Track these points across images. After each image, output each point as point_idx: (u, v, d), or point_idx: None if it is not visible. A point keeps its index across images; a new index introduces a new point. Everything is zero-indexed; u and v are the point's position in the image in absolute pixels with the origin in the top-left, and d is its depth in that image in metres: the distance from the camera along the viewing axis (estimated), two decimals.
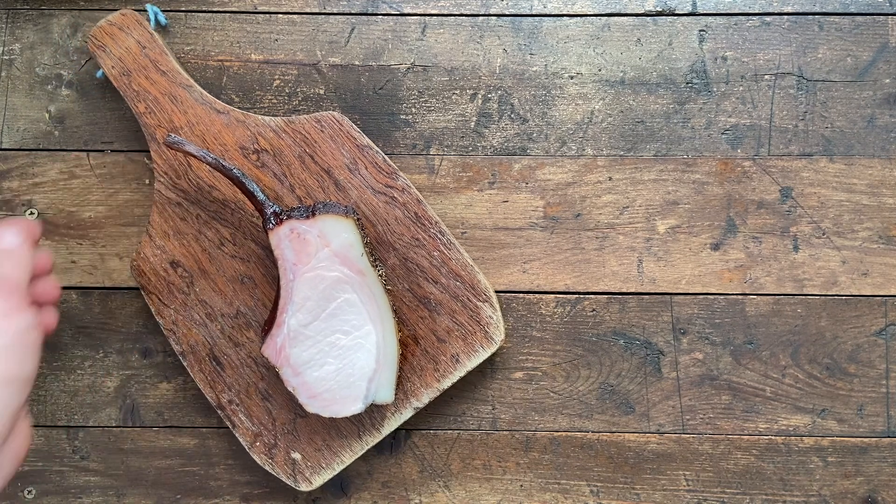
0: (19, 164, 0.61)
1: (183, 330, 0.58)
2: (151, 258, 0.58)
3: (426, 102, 0.61)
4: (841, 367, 0.60)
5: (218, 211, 0.59)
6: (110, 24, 0.59)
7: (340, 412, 0.55)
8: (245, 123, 0.59)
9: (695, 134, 0.61)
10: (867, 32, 0.60)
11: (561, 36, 0.61)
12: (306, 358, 0.54)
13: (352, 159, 0.58)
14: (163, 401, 0.61)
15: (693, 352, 0.60)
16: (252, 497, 0.60)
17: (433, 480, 0.60)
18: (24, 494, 0.61)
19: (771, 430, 0.60)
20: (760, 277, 0.60)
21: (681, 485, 0.60)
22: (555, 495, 0.60)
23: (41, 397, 0.61)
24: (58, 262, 0.61)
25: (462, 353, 0.58)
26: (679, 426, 0.60)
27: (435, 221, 0.58)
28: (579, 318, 0.60)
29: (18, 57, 0.62)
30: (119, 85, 0.59)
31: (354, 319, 0.55)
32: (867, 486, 0.59)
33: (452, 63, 0.61)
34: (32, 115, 0.62)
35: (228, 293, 0.58)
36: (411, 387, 0.58)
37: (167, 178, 0.59)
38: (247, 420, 0.58)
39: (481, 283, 0.58)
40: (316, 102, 0.61)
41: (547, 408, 0.60)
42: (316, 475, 0.58)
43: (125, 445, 0.61)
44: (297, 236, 0.54)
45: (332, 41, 0.62)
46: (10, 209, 0.61)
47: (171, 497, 0.61)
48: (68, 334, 0.61)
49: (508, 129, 0.61)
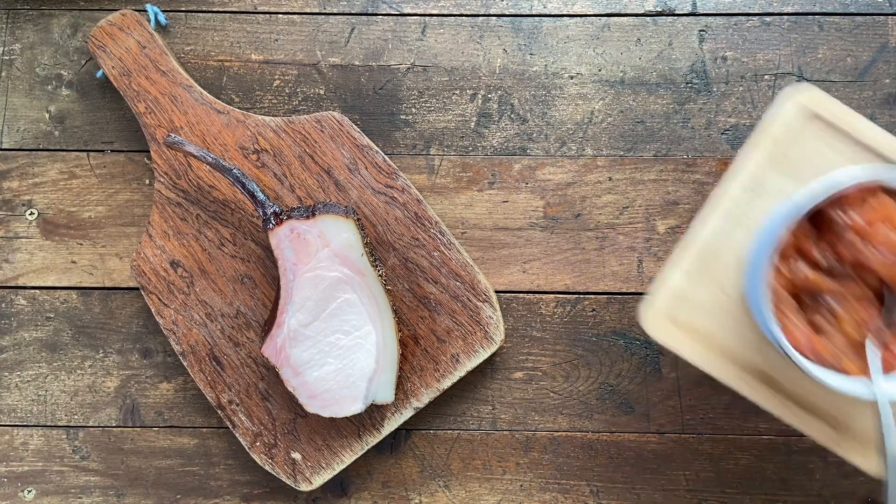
0: (19, 164, 0.61)
1: (183, 330, 0.58)
2: (151, 258, 0.58)
3: (426, 102, 0.61)
4: None
5: (218, 211, 0.59)
6: (110, 24, 0.59)
7: (340, 412, 0.55)
8: (245, 123, 0.59)
9: (695, 134, 0.61)
10: (867, 32, 0.60)
11: (561, 36, 0.61)
12: (306, 358, 0.54)
13: (352, 159, 0.58)
14: (163, 401, 0.61)
15: None
16: (252, 497, 0.60)
17: (433, 480, 0.60)
18: (24, 494, 0.61)
19: (771, 430, 0.60)
20: None
21: (681, 485, 0.60)
22: (555, 495, 0.60)
23: (41, 397, 0.61)
24: (58, 262, 0.61)
25: (462, 353, 0.58)
26: (679, 426, 0.60)
27: (435, 221, 0.58)
28: (579, 318, 0.60)
29: (18, 57, 0.62)
30: (119, 85, 0.59)
31: (354, 319, 0.55)
32: (867, 486, 0.59)
33: (452, 63, 0.61)
34: (32, 115, 0.62)
35: (228, 293, 0.58)
36: (411, 387, 0.58)
37: (167, 178, 0.59)
38: (247, 420, 0.58)
39: (481, 283, 0.58)
40: (316, 102, 0.61)
41: (547, 408, 0.60)
42: (316, 475, 0.58)
43: (125, 445, 0.61)
44: (297, 236, 0.54)
45: (332, 41, 0.62)
46: (10, 209, 0.61)
47: (171, 497, 0.61)
48: (68, 334, 0.61)
49: (508, 129, 0.61)
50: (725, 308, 0.47)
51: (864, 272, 0.41)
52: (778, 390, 0.46)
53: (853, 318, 0.41)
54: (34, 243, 0.61)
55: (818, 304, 0.42)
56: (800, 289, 0.42)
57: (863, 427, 0.46)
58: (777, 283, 0.41)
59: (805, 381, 0.46)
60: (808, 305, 0.42)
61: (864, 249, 0.40)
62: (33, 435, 0.61)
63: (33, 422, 0.61)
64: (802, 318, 0.42)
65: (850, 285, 0.41)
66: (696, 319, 0.47)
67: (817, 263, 0.42)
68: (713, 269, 0.47)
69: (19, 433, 0.61)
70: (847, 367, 0.41)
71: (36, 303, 0.61)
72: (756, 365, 0.46)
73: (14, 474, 0.61)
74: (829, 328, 0.42)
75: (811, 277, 0.41)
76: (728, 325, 0.47)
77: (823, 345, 0.41)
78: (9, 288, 0.61)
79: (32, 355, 0.61)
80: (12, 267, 0.61)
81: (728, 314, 0.47)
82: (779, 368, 0.46)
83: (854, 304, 0.41)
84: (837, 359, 0.41)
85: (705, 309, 0.47)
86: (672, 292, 0.46)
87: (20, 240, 0.61)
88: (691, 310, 0.47)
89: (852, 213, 0.41)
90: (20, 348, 0.61)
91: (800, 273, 0.41)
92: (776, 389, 0.46)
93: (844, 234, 0.41)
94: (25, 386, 0.61)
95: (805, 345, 0.41)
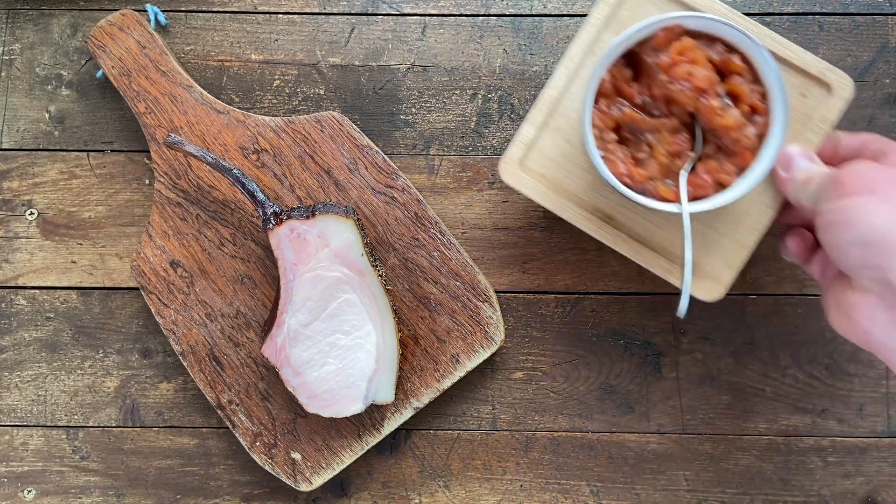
0: (19, 164, 0.62)
1: (183, 330, 0.58)
2: (151, 258, 0.58)
3: (426, 102, 0.61)
4: (841, 367, 0.60)
5: (218, 211, 0.59)
6: (110, 24, 0.59)
7: (340, 412, 0.55)
8: (245, 123, 0.59)
9: None
10: (867, 32, 0.60)
11: (561, 36, 0.61)
12: (306, 358, 0.54)
13: (352, 159, 0.58)
14: (163, 401, 0.61)
15: (693, 352, 0.60)
16: (252, 497, 0.60)
17: (433, 480, 0.60)
18: (24, 494, 0.61)
19: (771, 430, 0.60)
20: (760, 277, 0.60)
21: (681, 485, 0.60)
22: (555, 495, 0.60)
23: (41, 397, 0.61)
24: (58, 262, 0.61)
25: (462, 353, 0.58)
26: (679, 426, 0.60)
27: (435, 221, 0.58)
28: (579, 318, 0.60)
29: (18, 57, 0.62)
30: (119, 85, 0.59)
31: (354, 319, 0.55)
32: (867, 486, 0.59)
33: (452, 63, 0.61)
34: (32, 115, 0.62)
35: (228, 293, 0.58)
36: (411, 387, 0.58)
37: (167, 178, 0.59)
38: (247, 420, 0.58)
39: (481, 283, 0.58)
40: (316, 102, 0.61)
41: (547, 408, 0.60)
42: (316, 475, 0.58)
43: (125, 445, 0.61)
44: (297, 236, 0.54)
45: (332, 41, 0.62)
46: (10, 209, 0.61)
47: (171, 497, 0.61)
48: (68, 334, 0.61)
49: (508, 129, 0.61)
50: (569, 156, 0.53)
51: (673, 106, 0.47)
52: (617, 227, 0.53)
53: (667, 149, 0.47)
54: (34, 243, 0.61)
55: (639, 139, 0.48)
56: (622, 126, 0.48)
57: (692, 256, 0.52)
58: (602, 122, 0.47)
59: (640, 217, 0.52)
60: (631, 141, 0.49)
61: (670, 85, 0.46)
62: (33, 435, 0.61)
63: (33, 422, 0.61)
64: (625, 152, 0.48)
65: (664, 120, 0.47)
66: (545, 167, 0.53)
67: (635, 102, 0.48)
68: (557, 121, 0.52)
69: (19, 433, 0.61)
70: (662, 191, 0.47)
71: (36, 303, 0.61)
72: (598, 206, 0.53)
73: (14, 474, 0.61)
74: (647, 159, 0.48)
75: (628, 114, 0.48)
76: (572, 171, 0.53)
77: (641, 173, 0.48)
78: (9, 288, 0.61)
79: (32, 355, 0.61)
80: (12, 267, 0.61)
81: (571, 161, 0.53)
82: (617, 208, 0.52)
83: (667, 136, 0.47)
84: (654, 185, 0.47)
85: (552, 157, 0.53)
86: (524, 144, 0.52)
87: (20, 240, 0.61)
88: (540, 159, 0.53)
89: (661, 55, 0.46)
90: (20, 348, 0.61)
91: (619, 112, 0.48)
92: (616, 227, 0.53)
93: (656, 75, 0.47)
94: (25, 386, 0.61)
95: (625, 174, 0.47)
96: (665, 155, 0.48)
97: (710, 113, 0.46)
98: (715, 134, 0.47)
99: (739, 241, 0.51)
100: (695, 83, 0.45)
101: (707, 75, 0.46)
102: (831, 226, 0.43)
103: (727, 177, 0.47)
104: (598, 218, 0.52)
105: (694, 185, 0.47)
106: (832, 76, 0.50)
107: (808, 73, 0.50)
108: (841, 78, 0.50)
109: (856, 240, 0.42)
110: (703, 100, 0.46)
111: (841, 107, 0.50)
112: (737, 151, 0.47)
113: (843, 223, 0.42)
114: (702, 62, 0.46)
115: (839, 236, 0.43)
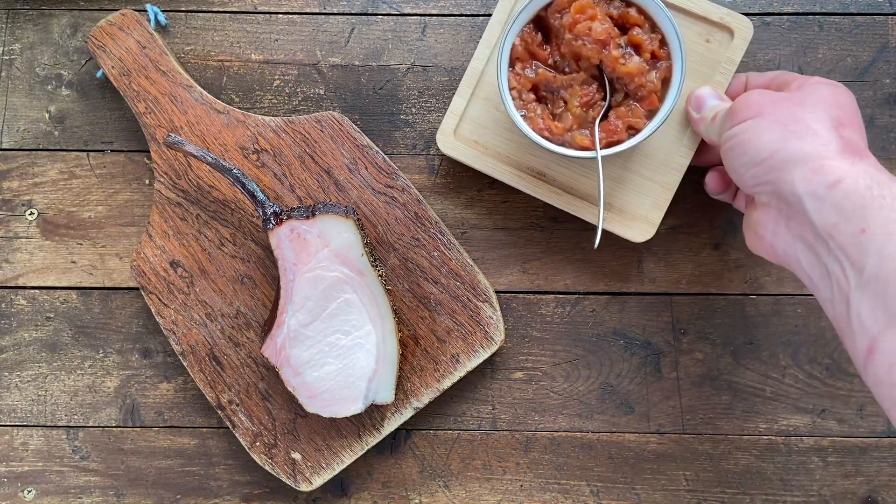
0: (19, 164, 0.61)
1: (183, 330, 0.58)
2: (151, 258, 0.58)
3: (426, 102, 0.61)
4: (841, 367, 0.60)
5: (218, 211, 0.59)
6: (110, 24, 0.59)
7: (340, 412, 0.55)
8: (245, 123, 0.59)
9: None
10: (867, 32, 0.60)
11: None
12: (306, 358, 0.54)
13: (352, 159, 0.58)
14: (163, 401, 0.61)
15: (693, 352, 0.60)
16: (252, 497, 0.60)
17: (433, 480, 0.60)
18: (24, 494, 0.61)
19: (771, 430, 0.60)
20: (760, 277, 0.60)
21: (681, 485, 0.60)
22: (555, 495, 0.60)
23: (41, 397, 0.61)
24: (58, 262, 0.61)
25: (462, 353, 0.58)
26: (679, 426, 0.60)
27: (435, 221, 0.58)
28: (579, 318, 0.60)
29: (18, 57, 0.62)
30: (119, 85, 0.59)
31: (354, 319, 0.55)
32: (867, 486, 0.59)
33: (452, 63, 0.61)
34: (32, 115, 0.62)
35: (228, 293, 0.58)
36: (411, 387, 0.58)
37: (167, 178, 0.59)
38: (247, 420, 0.58)
39: (481, 283, 0.58)
40: (316, 102, 0.61)
41: (547, 408, 0.60)
42: (316, 475, 0.58)
43: (125, 445, 0.61)
44: (297, 236, 0.54)
45: (332, 41, 0.62)
46: (10, 209, 0.61)
47: (171, 497, 0.61)
48: (68, 334, 0.61)
49: None
50: (498, 121, 0.57)
51: (581, 61, 0.51)
52: (549, 183, 0.57)
53: (579, 101, 0.52)
54: (34, 243, 0.61)
55: (555, 96, 0.53)
56: (539, 86, 0.53)
57: (620, 203, 0.57)
58: (520, 84, 0.52)
59: (568, 170, 0.57)
60: (549, 99, 0.53)
61: (575, 42, 0.50)
62: (33, 435, 0.61)
63: (33, 422, 0.61)
64: (543, 109, 0.53)
65: (574, 75, 0.52)
66: (477, 134, 0.58)
67: (547, 63, 0.52)
68: (484, 91, 0.57)
69: (19, 433, 0.61)
70: (579, 140, 0.52)
71: (36, 303, 0.61)
72: (529, 164, 0.57)
73: (14, 474, 0.61)
74: (563, 112, 0.52)
75: (542, 73, 0.52)
76: (502, 134, 0.57)
77: (558, 126, 0.52)
78: (9, 288, 0.61)
79: (32, 355, 0.61)
80: (12, 267, 0.61)
81: (500, 126, 0.57)
82: (547, 164, 0.57)
83: (578, 89, 0.52)
84: (571, 136, 0.52)
85: (482, 124, 0.57)
86: (456, 115, 0.57)
87: (20, 240, 0.61)
88: (472, 127, 0.57)
89: (564, 15, 0.51)
90: (20, 348, 0.61)
91: (534, 73, 0.52)
92: (548, 182, 0.57)
93: (562, 34, 0.51)
94: (25, 386, 0.61)
95: (544, 128, 0.52)
96: (579, 107, 0.52)
97: (613, 62, 0.50)
98: (621, 82, 0.51)
99: (664, 183, 0.56)
100: (595, 37, 0.50)
101: (605, 28, 0.50)
102: (729, 151, 0.47)
103: (638, 120, 0.51)
104: (531, 176, 0.57)
105: (607, 131, 0.51)
106: (732, 21, 0.55)
107: (710, 20, 0.55)
108: (741, 21, 0.55)
109: (749, 160, 0.45)
110: (606, 51, 0.50)
111: (744, 48, 0.55)
112: (643, 96, 0.51)
113: (737, 147, 0.46)
114: (600, 17, 0.50)
115: (735, 159, 0.46)
